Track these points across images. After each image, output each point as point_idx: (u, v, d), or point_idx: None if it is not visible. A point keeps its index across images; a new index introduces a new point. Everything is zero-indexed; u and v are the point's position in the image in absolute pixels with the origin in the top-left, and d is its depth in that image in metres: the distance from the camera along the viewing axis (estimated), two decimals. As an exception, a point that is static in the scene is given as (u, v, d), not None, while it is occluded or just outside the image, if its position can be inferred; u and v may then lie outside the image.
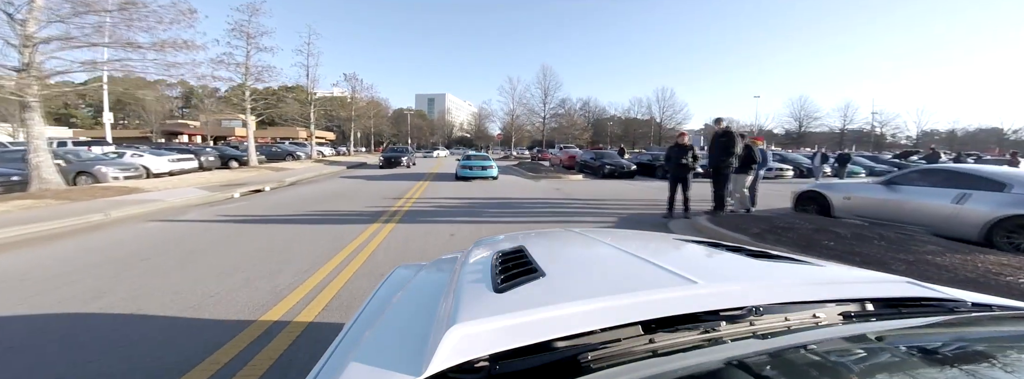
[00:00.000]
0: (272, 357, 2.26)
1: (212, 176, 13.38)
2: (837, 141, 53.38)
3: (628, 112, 67.99)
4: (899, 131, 56.10)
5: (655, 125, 63.17)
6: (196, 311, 2.90)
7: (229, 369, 2.14)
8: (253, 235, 5.38)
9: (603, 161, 17.61)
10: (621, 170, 16.83)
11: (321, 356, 0.80)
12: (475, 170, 14.46)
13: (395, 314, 0.93)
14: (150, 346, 2.39)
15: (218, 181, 12.03)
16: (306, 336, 2.53)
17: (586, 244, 1.36)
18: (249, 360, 2.23)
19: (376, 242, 5.13)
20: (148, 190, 9.46)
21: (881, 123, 56.80)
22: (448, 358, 0.58)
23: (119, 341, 2.45)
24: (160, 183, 11.02)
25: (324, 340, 2.22)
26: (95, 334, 2.54)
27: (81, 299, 3.10)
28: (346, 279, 3.60)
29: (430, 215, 7.47)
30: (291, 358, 2.27)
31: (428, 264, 1.44)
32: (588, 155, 19.89)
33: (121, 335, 2.53)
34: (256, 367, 2.16)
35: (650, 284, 0.83)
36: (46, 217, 6.04)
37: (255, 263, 4.06)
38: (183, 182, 11.37)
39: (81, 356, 2.27)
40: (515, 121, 40.94)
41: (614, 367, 0.59)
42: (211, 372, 2.11)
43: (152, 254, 4.42)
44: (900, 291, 0.88)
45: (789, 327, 0.74)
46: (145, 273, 3.75)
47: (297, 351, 2.35)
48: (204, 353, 2.29)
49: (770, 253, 1.13)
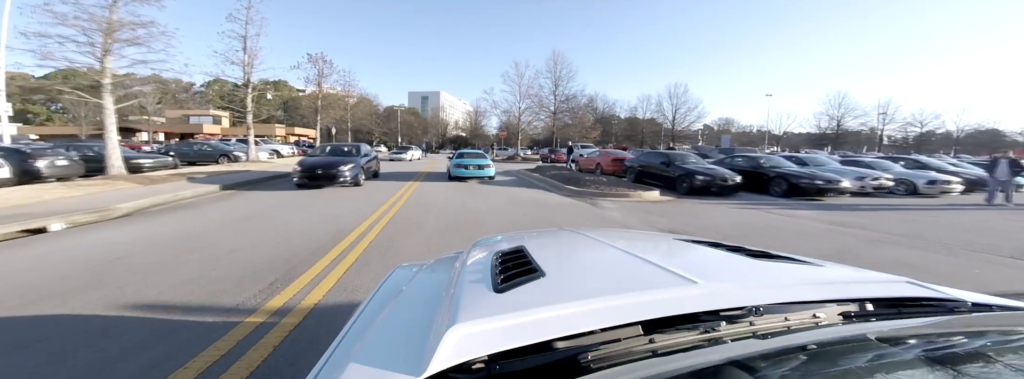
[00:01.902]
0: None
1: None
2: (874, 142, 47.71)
3: (635, 110, 63.65)
4: (938, 129, 50.72)
5: (667, 123, 57.36)
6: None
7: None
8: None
9: (686, 168, 11.08)
10: (718, 182, 10.35)
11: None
12: (471, 169, 12.98)
13: (395, 314, 0.93)
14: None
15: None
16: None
17: (586, 244, 1.34)
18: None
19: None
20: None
21: (921, 122, 51.46)
22: (448, 358, 0.58)
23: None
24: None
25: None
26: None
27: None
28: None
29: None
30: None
31: (428, 264, 1.42)
32: (653, 157, 13.20)
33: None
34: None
35: (650, 284, 0.83)
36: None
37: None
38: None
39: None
40: (521, 115, 33.94)
41: (614, 367, 0.59)
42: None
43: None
44: (900, 291, 0.87)
45: (789, 327, 0.74)
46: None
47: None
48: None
49: (770, 253, 1.11)
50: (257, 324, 2.51)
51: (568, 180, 12.14)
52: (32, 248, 4.33)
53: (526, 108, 33.63)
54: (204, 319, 2.58)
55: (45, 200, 6.86)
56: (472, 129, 71.62)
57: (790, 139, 60.63)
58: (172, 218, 6.16)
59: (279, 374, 2.00)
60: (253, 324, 2.51)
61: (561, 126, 35.34)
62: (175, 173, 12.46)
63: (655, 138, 59.96)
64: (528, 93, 33.82)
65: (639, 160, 13.68)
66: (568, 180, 12.14)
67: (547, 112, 34.26)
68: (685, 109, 56.05)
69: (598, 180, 12.17)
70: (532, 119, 34.38)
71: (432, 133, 73.37)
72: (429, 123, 75.80)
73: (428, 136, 72.00)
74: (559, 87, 35.33)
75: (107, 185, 8.99)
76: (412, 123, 70.60)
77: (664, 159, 12.33)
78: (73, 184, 9.02)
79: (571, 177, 13.00)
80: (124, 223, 5.68)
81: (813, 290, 0.82)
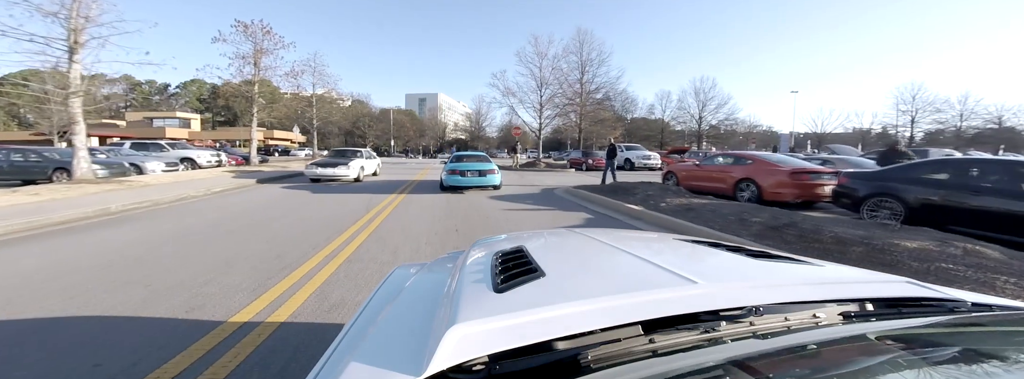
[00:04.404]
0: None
1: None
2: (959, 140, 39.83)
3: (652, 108, 56.71)
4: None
5: (691, 121, 50.38)
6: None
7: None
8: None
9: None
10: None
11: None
12: (469, 176, 9.77)
13: (395, 314, 0.91)
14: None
15: None
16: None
17: (586, 244, 1.31)
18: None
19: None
20: None
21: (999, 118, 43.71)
22: (448, 358, 0.57)
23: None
24: None
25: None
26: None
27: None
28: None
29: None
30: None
31: (428, 264, 1.40)
32: (957, 170, 5.24)
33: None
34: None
35: (650, 284, 0.82)
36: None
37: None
38: None
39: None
40: (543, 107, 25.54)
41: (614, 367, 0.58)
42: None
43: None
44: (900, 291, 0.86)
45: (789, 327, 0.73)
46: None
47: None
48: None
49: (770, 253, 1.11)
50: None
51: (763, 234, 4.25)
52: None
53: (550, 98, 25.35)
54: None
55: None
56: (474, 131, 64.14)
57: (835, 139, 54.14)
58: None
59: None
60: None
61: (591, 123, 27.48)
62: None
63: (681, 137, 53.53)
64: (553, 77, 25.61)
65: (906, 177, 5.76)
66: (763, 234, 4.25)
67: (574, 105, 26.23)
68: (714, 105, 49.21)
69: (824, 229, 4.29)
70: (556, 113, 26.06)
71: (429, 135, 65.83)
72: (426, 125, 68.17)
73: (425, 139, 64.55)
74: (586, 73, 27.47)
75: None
76: (404, 123, 62.89)
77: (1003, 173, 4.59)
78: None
79: (736, 216, 5.13)
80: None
81: (813, 290, 0.81)
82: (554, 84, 25.42)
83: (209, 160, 16.82)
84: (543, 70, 25.35)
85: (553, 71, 25.53)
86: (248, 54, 17.35)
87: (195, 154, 16.58)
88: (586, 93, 27.31)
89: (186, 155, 16.31)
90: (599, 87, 27.92)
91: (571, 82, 26.51)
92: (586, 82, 27.35)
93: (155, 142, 16.62)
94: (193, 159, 16.31)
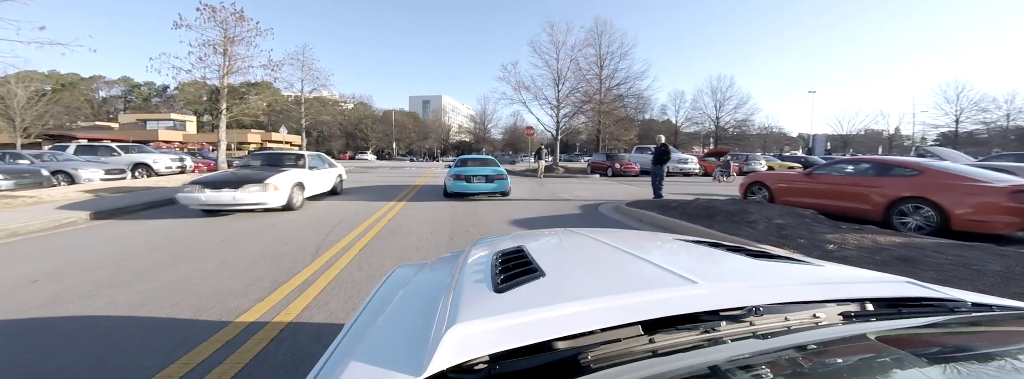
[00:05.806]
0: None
1: None
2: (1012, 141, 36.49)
3: (664, 109, 53.47)
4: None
5: (708, 122, 47.51)
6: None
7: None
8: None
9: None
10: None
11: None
12: (476, 182, 8.65)
13: (395, 314, 0.90)
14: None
15: None
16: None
17: (586, 244, 1.30)
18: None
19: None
20: None
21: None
22: (448, 358, 0.57)
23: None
24: None
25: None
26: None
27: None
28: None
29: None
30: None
31: (428, 264, 1.37)
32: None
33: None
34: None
35: (650, 284, 0.81)
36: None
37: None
38: None
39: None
40: (561, 104, 22.46)
41: (614, 367, 0.58)
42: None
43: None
44: (900, 291, 0.85)
45: (789, 327, 0.72)
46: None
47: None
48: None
49: (770, 253, 1.10)
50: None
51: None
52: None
53: (568, 93, 22.31)
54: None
55: None
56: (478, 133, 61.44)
57: (859, 140, 51.00)
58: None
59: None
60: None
61: (613, 122, 24.62)
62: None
63: (695, 139, 50.53)
64: (570, 71, 22.55)
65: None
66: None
67: (593, 102, 23.28)
68: (733, 105, 45.96)
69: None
70: (575, 110, 23.01)
71: (433, 138, 63.26)
72: (429, 127, 65.59)
73: (428, 141, 62.00)
74: (606, 69, 24.61)
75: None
76: (405, 124, 60.32)
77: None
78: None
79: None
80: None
81: (813, 290, 0.80)
82: (572, 79, 22.41)
83: (168, 166, 14.13)
84: (560, 62, 22.40)
85: (571, 63, 22.53)
86: (217, 41, 14.68)
87: (151, 159, 13.88)
88: (606, 89, 24.43)
89: (140, 160, 13.65)
90: (623, 81, 24.87)
91: (589, 78, 23.63)
92: (607, 77, 24.49)
93: (105, 145, 13.98)
94: (148, 164, 13.65)
